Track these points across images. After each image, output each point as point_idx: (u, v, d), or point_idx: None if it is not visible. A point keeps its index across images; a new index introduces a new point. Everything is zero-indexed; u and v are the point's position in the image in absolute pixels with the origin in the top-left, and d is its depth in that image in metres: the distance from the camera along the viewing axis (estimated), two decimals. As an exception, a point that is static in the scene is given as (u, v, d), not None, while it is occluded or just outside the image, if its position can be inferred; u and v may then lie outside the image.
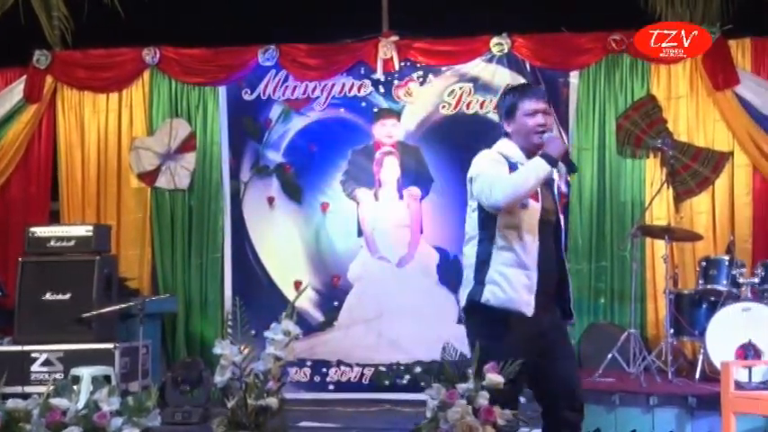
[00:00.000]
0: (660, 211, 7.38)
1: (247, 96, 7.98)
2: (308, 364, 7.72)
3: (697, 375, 6.37)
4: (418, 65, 7.82)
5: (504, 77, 7.67)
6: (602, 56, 7.56)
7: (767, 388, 5.75)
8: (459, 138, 7.75)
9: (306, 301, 7.68)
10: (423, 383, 6.43)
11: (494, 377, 5.71)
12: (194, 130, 8.02)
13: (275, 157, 7.95)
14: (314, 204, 7.90)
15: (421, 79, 7.83)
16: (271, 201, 7.94)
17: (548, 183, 3.78)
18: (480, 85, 7.74)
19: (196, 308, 7.88)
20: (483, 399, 5.47)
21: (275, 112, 7.96)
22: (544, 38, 7.64)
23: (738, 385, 5.36)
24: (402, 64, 7.79)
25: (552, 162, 3.67)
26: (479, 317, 3.77)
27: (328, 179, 7.89)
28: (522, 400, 4.04)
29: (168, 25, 7.85)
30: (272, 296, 7.64)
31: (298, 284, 7.69)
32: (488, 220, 3.76)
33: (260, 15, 7.73)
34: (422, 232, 7.78)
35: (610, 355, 6.48)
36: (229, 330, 6.10)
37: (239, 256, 7.92)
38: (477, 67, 7.75)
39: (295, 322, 6.13)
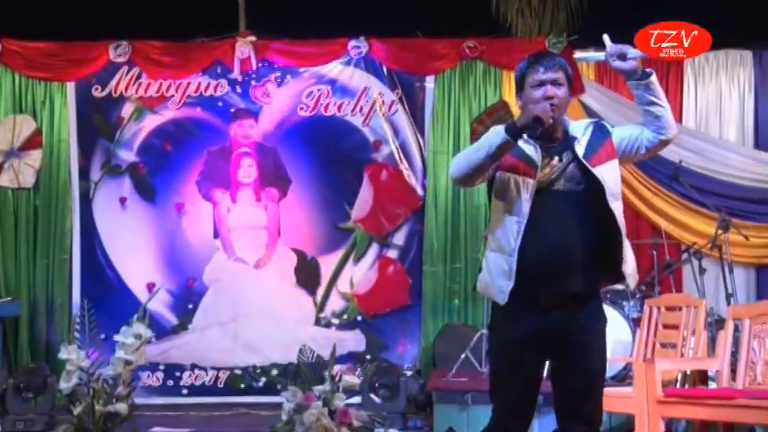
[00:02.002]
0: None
1: (98, 93, 7.73)
2: (161, 368, 7.55)
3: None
4: (276, 66, 7.78)
5: (361, 80, 7.73)
6: (456, 61, 7.73)
7: (609, 385, 6.00)
8: (317, 140, 7.78)
9: (159, 304, 7.51)
10: (279, 386, 6.43)
11: (350, 379, 5.77)
12: (40, 127, 7.68)
13: (128, 156, 7.73)
14: (168, 205, 7.73)
15: (279, 80, 7.79)
16: (123, 201, 7.72)
17: (559, 150, 3.37)
18: (338, 88, 7.77)
19: (41, 311, 7.55)
20: (339, 400, 5.53)
21: (128, 109, 7.74)
22: (401, 42, 7.74)
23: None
24: (260, 64, 7.72)
25: (513, 132, 3.23)
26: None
27: (183, 179, 7.74)
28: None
29: (11, 16, 7.48)
30: (123, 299, 7.45)
31: (151, 287, 7.53)
32: (490, 202, 3.44)
33: (112, 10, 7.48)
34: (279, 234, 7.74)
35: (463, 355, 6.63)
36: (77, 334, 5.94)
37: (89, 258, 7.66)
38: (335, 69, 7.77)
39: (147, 325, 6.03)
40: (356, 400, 6.17)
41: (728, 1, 7.18)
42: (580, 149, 3.37)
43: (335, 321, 7.69)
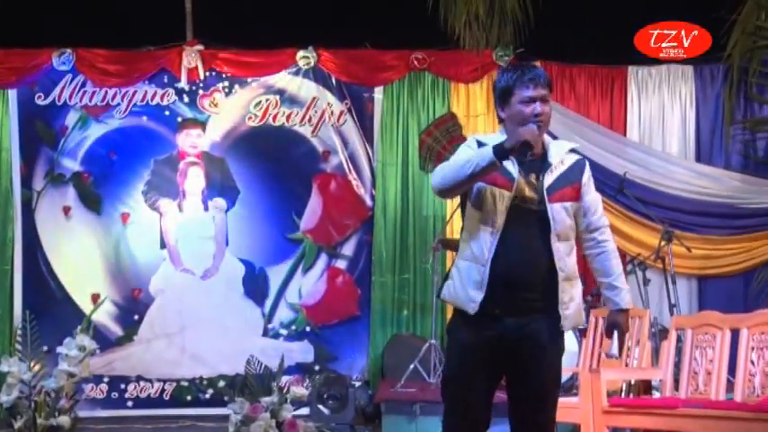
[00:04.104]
0: (460, 226, 7.62)
1: (41, 101, 7.61)
2: (105, 380, 7.45)
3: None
4: (224, 75, 7.73)
5: (310, 90, 7.73)
6: (405, 73, 7.77)
7: (560, 395, 6.07)
8: (265, 149, 7.75)
9: (104, 315, 7.42)
10: (226, 398, 6.38)
11: (298, 390, 5.75)
12: (-20, 135, 7.55)
13: (72, 165, 7.62)
14: (114, 215, 7.63)
15: (227, 90, 7.75)
16: (67, 210, 7.59)
17: (536, 170, 3.38)
18: (287, 98, 7.75)
19: (-19, 323, 7.40)
20: (287, 412, 5.50)
21: (72, 118, 7.63)
22: (349, 53, 7.76)
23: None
24: (207, 74, 7.68)
25: (500, 154, 3.23)
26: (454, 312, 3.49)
27: (129, 189, 7.65)
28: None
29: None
30: (67, 310, 7.34)
31: (95, 298, 7.41)
32: (464, 210, 3.48)
33: (56, 16, 7.38)
34: (227, 244, 7.69)
35: (412, 366, 6.64)
36: (18, 347, 5.83)
37: (31, 269, 7.53)
38: (283, 79, 7.76)
39: (92, 337, 5.95)
40: (304, 411, 6.15)
41: (671, 17, 7.35)
42: (549, 179, 3.37)
43: (284, 332, 7.65)
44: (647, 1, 7.49)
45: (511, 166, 3.34)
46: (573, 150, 3.52)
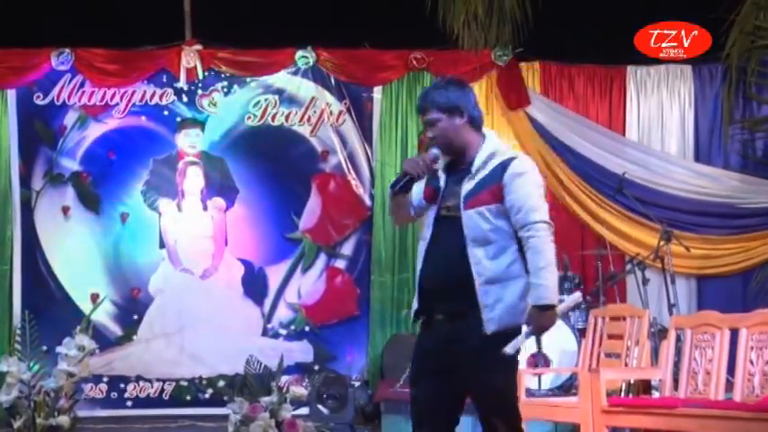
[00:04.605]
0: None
1: (40, 101, 7.61)
2: (105, 380, 7.45)
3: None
4: (223, 75, 7.73)
5: (309, 90, 7.74)
6: (404, 73, 7.77)
7: (555, 395, 6.08)
8: (264, 149, 7.75)
9: (103, 315, 7.41)
10: (225, 397, 6.38)
11: (297, 390, 5.75)
12: (-20, 135, 7.54)
13: (71, 164, 7.62)
14: (113, 214, 7.63)
15: (226, 89, 7.74)
16: (66, 210, 7.59)
17: (461, 178, 3.50)
18: (286, 98, 7.75)
19: (-20, 323, 7.40)
20: (286, 412, 5.51)
21: (71, 118, 7.63)
22: (348, 53, 7.76)
23: (529, 392, 5.65)
24: (206, 73, 7.67)
25: (390, 187, 3.55)
26: None
27: (128, 189, 7.65)
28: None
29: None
30: (66, 310, 7.33)
31: (95, 297, 7.41)
32: None
33: (54, 16, 7.37)
34: (226, 244, 7.69)
35: (410, 365, 6.63)
36: (18, 346, 5.83)
37: (30, 268, 7.52)
38: (282, 79, 7.76)
39: (91, 337, 5.95)
40: (304, 411, 6.15)
41: (670, 16, 7.35)
42: (468, 186, 3.46)
43: (283, 332, 7.65)
44: (646, 1, 7.50)
45: (441, 178, 3.53)
46: (513, 156, 3.53)
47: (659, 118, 7.84)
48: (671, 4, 7.39)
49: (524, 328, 3.37)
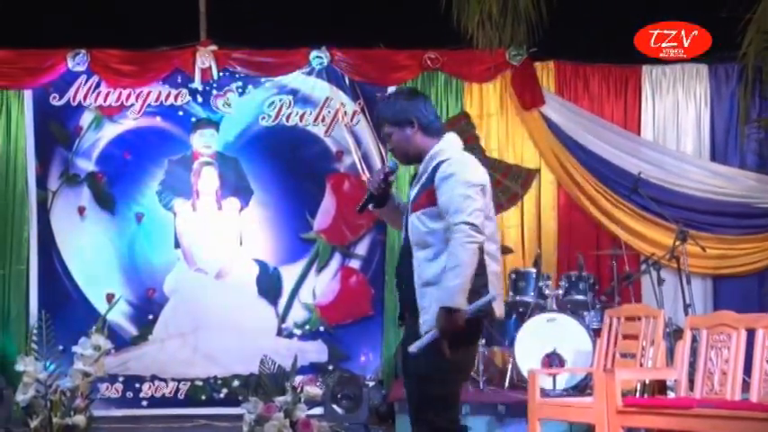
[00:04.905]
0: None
1: (56, 102, 7.64)
2: (120, 379, 7.47)
3: (506, 384, 6.64)
4: (237, 75, 7.75)
5: (324, 90, 7.74)
6: (418, 73, 7.76)
7: (570, 395, 6.06)
8: (279, 149, 7.76)
9: (119, 315, 7.44)
10: (240, 397, 6.39)
11: (311, 389, 5.75)
12: (-4, 135, 7.59)
13: (86, 165, 7.65)
14: (128, 215, 7.66)
15: (240, 90, 7.76)
16: (81, 211, 7.63)
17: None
18: (300, 98, 7.76)
19: (-3, 322, 7.45)
20: (301, 411, 5.51)
21: (86, 118, 7.67)
22: (362, 53, 7.76)
23: (544, 393, 5.64)
24: (221, 74, 7.69)
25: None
26: None
27: (144, 189, 7.67)
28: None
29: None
30: (82, 310, 7.36)
31: (110, 297, 7.44)
32: None
33: (70, 17, 7.41)
34: (241, 244, 7.70)
35: (424, 365, 6.62)
36: (34, 346, 5.86)
37: (46, 268, 7.56)
38: (296, 79, 7.76)
39: (107, 336, 5.97)
40: (318, 411, 6.16)
41: (686, 15, 7.31)
42: (413, 191, 3.63)
43: (297, 332, 7.66)
44: (660, 0, 7.47)
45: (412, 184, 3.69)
46: (445, 158, 3.60)
47: (675, 117, 7.80)
48: (684, 4, 7.35)
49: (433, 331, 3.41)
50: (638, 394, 5.28)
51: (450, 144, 3.67)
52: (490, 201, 3.62)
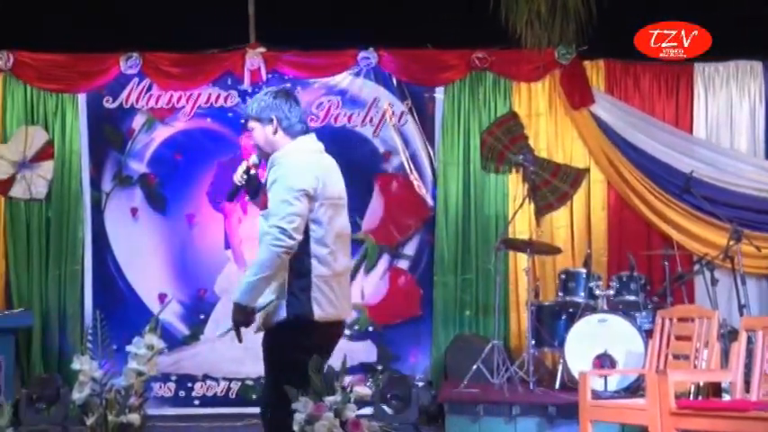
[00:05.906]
0: (522, 225, 7.60)
1: (109, 104, 7.76)
2: (173, 378, 7.56)
3: (557, 385, 6.60)
4: (286, 77, 7.79)
5: (371, 91, 7.75)
6: (466, 72, 7.73)
7: (621, 396, 6.00)
8: (327, 150, 7.71)
9: (171, 315, 7.54)
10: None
11: (361, 389, 5.75)
12: (52, 138, 7.72)
13: (139, 167, 7.76)
14: (179, 216, 7.75)
15: (289, 91, 7.79)
16: (134, 212, 7.74)
17: None
18: (348, 99, 7.79)
19: (54, 322, 7.57)
20: (350, 411, 5.52)
21: (138, 121, 7.77)
22: (410, 53, 7.76)
23: (595, 394, 5.59)
24: (270, 75, 7.74)
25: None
26: None
27: (194, 190, 7.76)
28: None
29: (23, 29, 7.52)
30: (135, 309, 7.46)
31: (162, 297, 7.54)
32: None
33: (123, 22, 7.52)
34: (290, 245, 7.73)
35: (474, 366, 6.62)
36: (89, 345, 5.95)
37: (100, 269, 7.68)
38: (345, 80, 7.79)
39: (159, 336, 6.02)
40: (368, 411, 6.17)
41: (739, 12, 7.19)
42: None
43: (347, 332, 7.62)
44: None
45: None
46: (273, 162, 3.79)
47: (728, 115, 7.67)
48: (684, 3, 7.26)
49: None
50: (691, 396, 5.21)
51: (295, 147, 3.79)
52: (332, 207, 3.77)
